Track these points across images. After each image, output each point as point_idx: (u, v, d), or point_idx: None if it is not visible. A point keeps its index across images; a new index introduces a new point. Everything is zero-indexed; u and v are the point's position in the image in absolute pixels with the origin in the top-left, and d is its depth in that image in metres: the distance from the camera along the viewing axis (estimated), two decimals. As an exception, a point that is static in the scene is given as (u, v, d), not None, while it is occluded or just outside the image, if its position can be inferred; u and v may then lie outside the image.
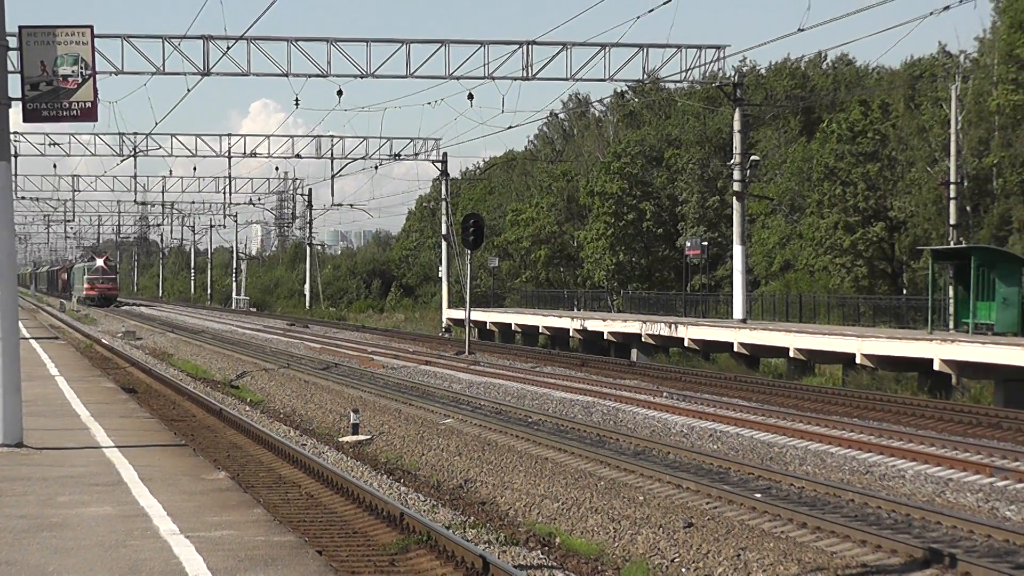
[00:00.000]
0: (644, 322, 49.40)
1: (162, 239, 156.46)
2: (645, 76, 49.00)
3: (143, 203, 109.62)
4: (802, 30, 38.91)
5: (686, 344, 45.99)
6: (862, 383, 36.67)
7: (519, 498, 18.18)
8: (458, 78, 46.89)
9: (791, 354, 39.84)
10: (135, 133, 69.62)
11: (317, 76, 45.98)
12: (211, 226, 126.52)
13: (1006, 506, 17.08)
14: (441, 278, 72.65)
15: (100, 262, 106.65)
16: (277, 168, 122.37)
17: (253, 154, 72.76)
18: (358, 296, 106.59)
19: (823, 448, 22.03)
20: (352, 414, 25.87)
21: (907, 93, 58.41)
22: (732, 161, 48.25)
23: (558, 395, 31.35)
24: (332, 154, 74.02)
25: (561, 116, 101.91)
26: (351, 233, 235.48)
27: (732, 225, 49.79)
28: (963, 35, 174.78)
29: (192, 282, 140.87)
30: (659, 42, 46.74)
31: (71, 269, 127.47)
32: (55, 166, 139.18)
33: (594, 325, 53.20)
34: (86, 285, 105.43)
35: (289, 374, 37.87)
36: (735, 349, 42.83)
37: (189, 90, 47.12)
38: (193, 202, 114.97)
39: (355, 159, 74.05)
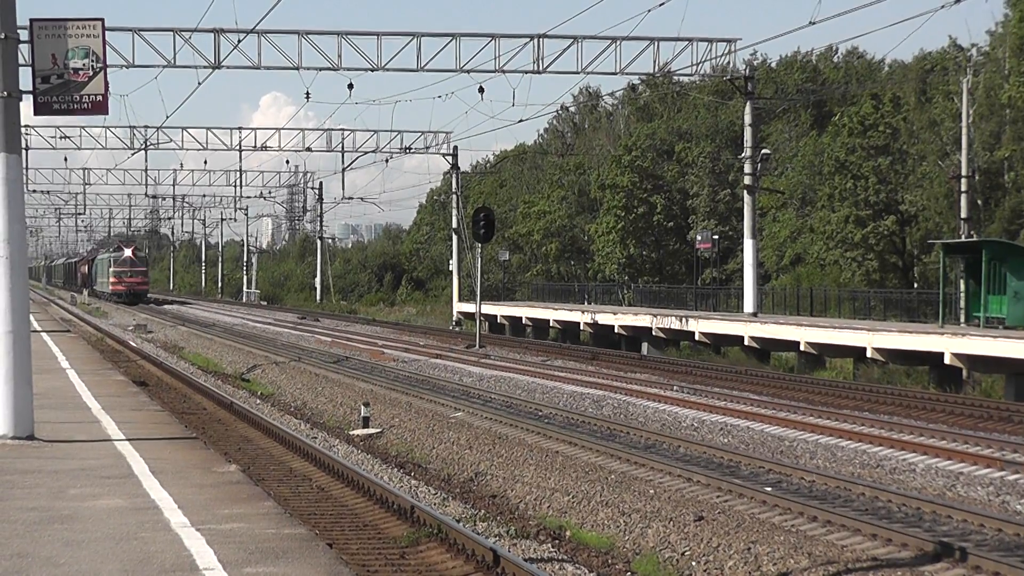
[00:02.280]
0: (655, 316, 49.37)
1: (173, 232, 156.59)
2: (656, 69, 48.94)
3: (154, 196, 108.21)
4: (813, 23, 39.07)
5: (697, 338, 45.96)
6: (873, 377, 36.62)
7: (529, 491, 18.18)
8: (469, 71, 46.89)
9: (802, 348, 39.81)
10: (146, 126, 69.61)
11: (328, 69, 45.95)
12: (222, 219, 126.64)
13: (1017, 500, 17.05)
14: (452, 272, 72.69)
15: (128, 252, 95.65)
16: (288, 161, 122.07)
17: (264, 147, 72.74)
18: (369, 290, 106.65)
19: (834, 442, 22.01)
20: (363, 407, 25.88)
21: (918, 87, 58.23)
22: (743, 155, 48.22)
23: (569, 388, 31.36)
24: (343, 147, 73.99)
25: (572, 110, 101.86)
26: (362, 226, 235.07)
27: (743, 219, 49.73)
28: (974, 28, 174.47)
29: (203, 276, 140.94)
30: (670, 35, 46.75)
31: (93, 260, 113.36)
32: (66, 159, 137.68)
33: (605, 319, 53.17)
34: (112, 278, 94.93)
35: (300, 367, 37.90)
36: (746, 343, 42.78)
37: (200, 83, 47.40)
38: (204, 195, 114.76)
39: (366, 152, 74.08)
